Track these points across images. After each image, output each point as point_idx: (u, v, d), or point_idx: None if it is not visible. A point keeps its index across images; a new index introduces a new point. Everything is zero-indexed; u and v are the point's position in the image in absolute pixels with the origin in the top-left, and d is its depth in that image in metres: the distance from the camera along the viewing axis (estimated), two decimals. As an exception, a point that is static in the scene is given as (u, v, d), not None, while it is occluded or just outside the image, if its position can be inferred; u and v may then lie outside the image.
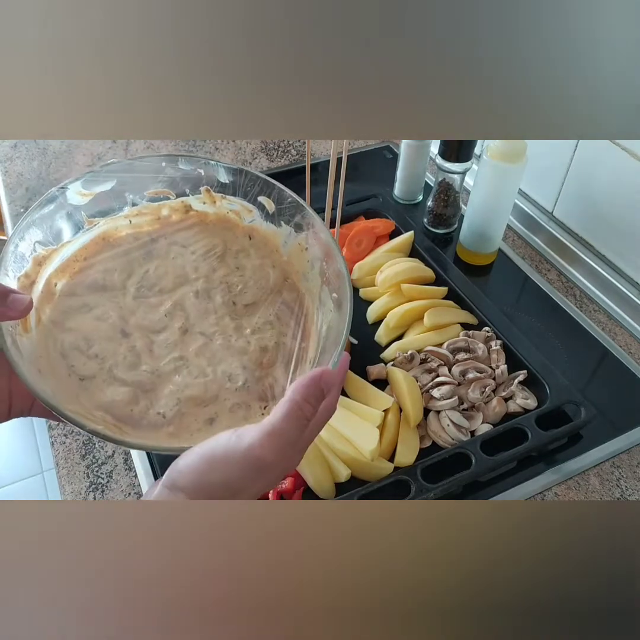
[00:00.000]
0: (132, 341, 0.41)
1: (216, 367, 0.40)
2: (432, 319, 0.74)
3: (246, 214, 0.46)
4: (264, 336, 0.42)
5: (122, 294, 0.43)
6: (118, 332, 0.41)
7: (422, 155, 0.93)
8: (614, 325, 0.81)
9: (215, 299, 0.44)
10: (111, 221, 0.45)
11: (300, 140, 1.11)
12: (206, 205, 0.47)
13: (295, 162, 1.06)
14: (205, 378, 0.40)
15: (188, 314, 0.43)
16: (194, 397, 0.39)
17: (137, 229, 0.46)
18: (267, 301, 0.44)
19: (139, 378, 0.39)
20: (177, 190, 0.46)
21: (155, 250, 0.45)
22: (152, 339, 0.41)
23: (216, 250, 0.46)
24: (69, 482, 0.61)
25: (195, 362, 0.40)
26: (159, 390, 0.39)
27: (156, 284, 0.44)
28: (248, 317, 0.43)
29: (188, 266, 0.45)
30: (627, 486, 0.63)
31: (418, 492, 0.58)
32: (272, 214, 0.45)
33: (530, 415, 0.65)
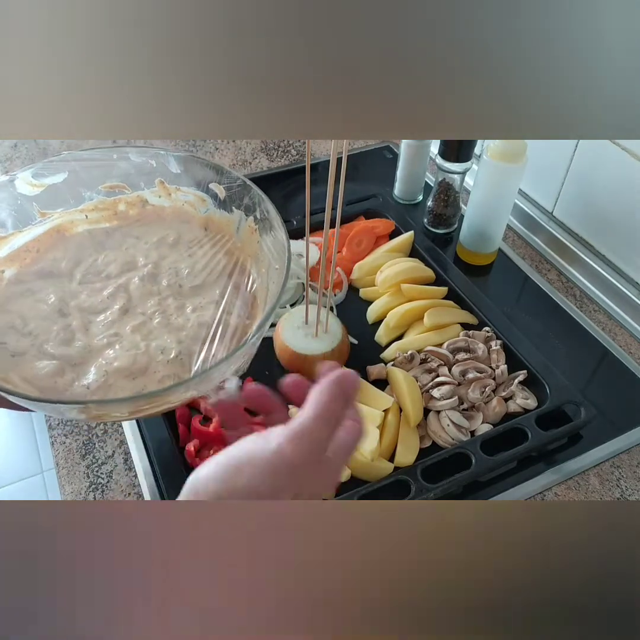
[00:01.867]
0: (69, 321, 0.41)
1: (150, 342, 0.40)
2: (432, 319, 0.74)
3: (200, 204, 0.47)
4: (205, 313, 0.42)
5: (68, 280, 0.43)
6: (55, 312, 0.41)
7: (422, 155, 0.93)
8: (614, 325, 0.81)
9: (161, 282, 0.44)
10: (66, 214, 0.45)
11: (300, 140, 1.11)
12: (162, 199, 0.47)
13: (295, 162, 1.06)
14: (136, 351, 0.39)
15: (131, 295, 0.43)
16: (121, 368, 0.38)
17: (94, 224, 0.46)
18: (215, 283, 0.44)
19: (69, 352, 0.39)
20: (131, 183, 0.46)
21: (108, 242, 0.46)
22: (91, 319, 0.41)
23: (169, 240, 0.46)
24: (69, 482, 0.61)
25: (129, 338, 0.40)
26: (89, 364, 0.39)
27: (103, 270, 0.44)
28: (192, 298, 0.43)
29: (139, 254, 0.45)
30: (627, 486, 0.63)
31: (418, 492, 0.58)
32: (224, 200, 0.46)
33: (530, 415, 0.65)
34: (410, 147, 0.92)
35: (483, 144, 0.92)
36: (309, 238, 0.65)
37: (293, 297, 0.81)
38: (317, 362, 0.67)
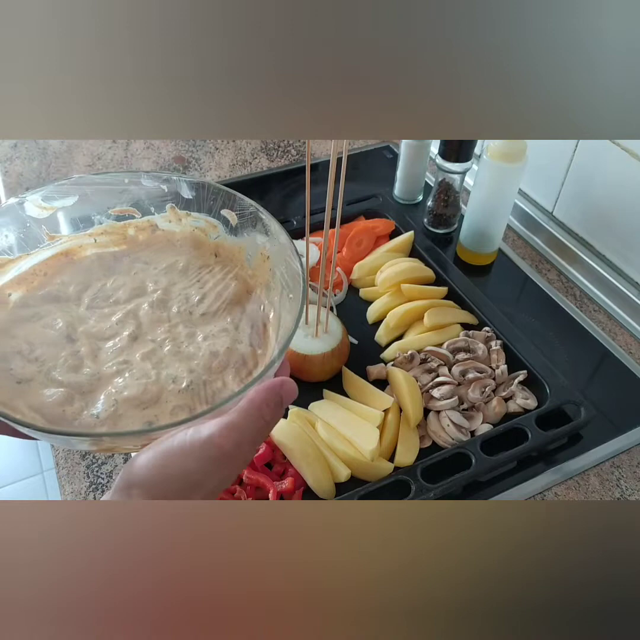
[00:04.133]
0: (77, 347, 0.40)
1: (161, 371, 0.39)
2: (432, 319, 0.74)
3: (211, 230, 0.46)
4: (217, 342, 0.41)
5: (76, 304, 0.42)
6: (64, 338, 0.40)
7: (422, 155, 0.93)
8: (614, 325, 0.81)
9: (171, 309, 0.43)
10: (75, 238, 0.45)
11: (300, 140, 1.11)
12: (172, 224, 0.46)
13: (295, 162, 1.06)
14: (147, 380, 0.38)
15: (140, 322, 0.42)
16: (131, 397, 0.37)
17: (103, 248, 0.45)
18: (225, 310, 0.43)
19: (78, 380, 0.38)
20: (142, 208, 0.46)
21: (117, 267, 0.45)
22: (100, 345, 0.40)
23: (179, 266, 0.45)
24: (69, 482, 0.61)
25: (140, 365, 0.39)
26: (98, 392, 0.38)
27: (112, 295, 0.43)
28: (203, 326, 0.42)
29: (148, 280, 0.44)
30: (627, 486, 0.63)
31: (418, 492, 0.58)
32: (236, 227, 0.45)
33: (530, 415, 0.65)
34: (410, 147, 0.92)
35: (483, 144, 0.92)
36: (309, 238, 0.65)
37: (293, 297, 0.80)
38: (317, 362, 0.67)
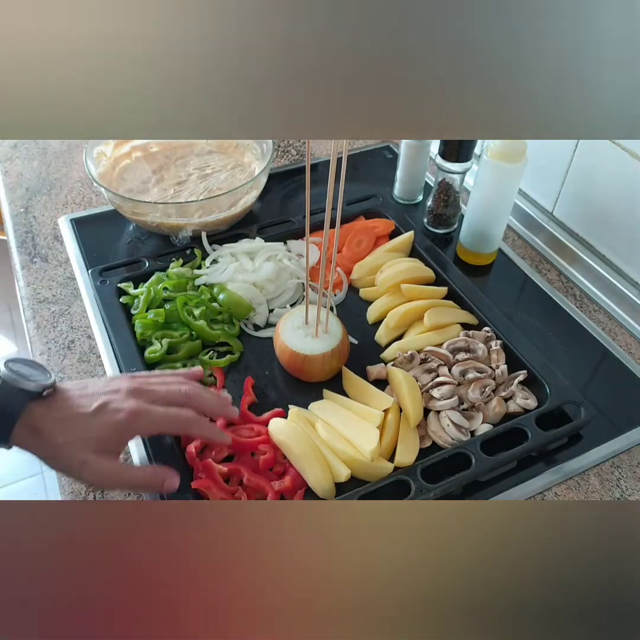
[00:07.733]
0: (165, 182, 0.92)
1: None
2: (432, 319, 0.74)
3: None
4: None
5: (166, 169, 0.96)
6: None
7: (422, 155, 0.93)
8: (614, 325, 0.81)
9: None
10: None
11: (300, 140, 1.11)
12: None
13: (295, 162, 1.06)
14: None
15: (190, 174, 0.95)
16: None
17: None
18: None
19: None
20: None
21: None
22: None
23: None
24: (69, 482, 0.61)
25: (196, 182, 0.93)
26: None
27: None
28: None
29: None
30: (627, 486, 0.63)
31: (418, 492, 0.58)
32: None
33: (530, 415, 0.65)
34: (410, 147, 0.92)
35: (483, 144, 0.92)
36: (309, 238, 0.65)
37: (293, 297, 0.81)
38: (317, 362, 0.67)
